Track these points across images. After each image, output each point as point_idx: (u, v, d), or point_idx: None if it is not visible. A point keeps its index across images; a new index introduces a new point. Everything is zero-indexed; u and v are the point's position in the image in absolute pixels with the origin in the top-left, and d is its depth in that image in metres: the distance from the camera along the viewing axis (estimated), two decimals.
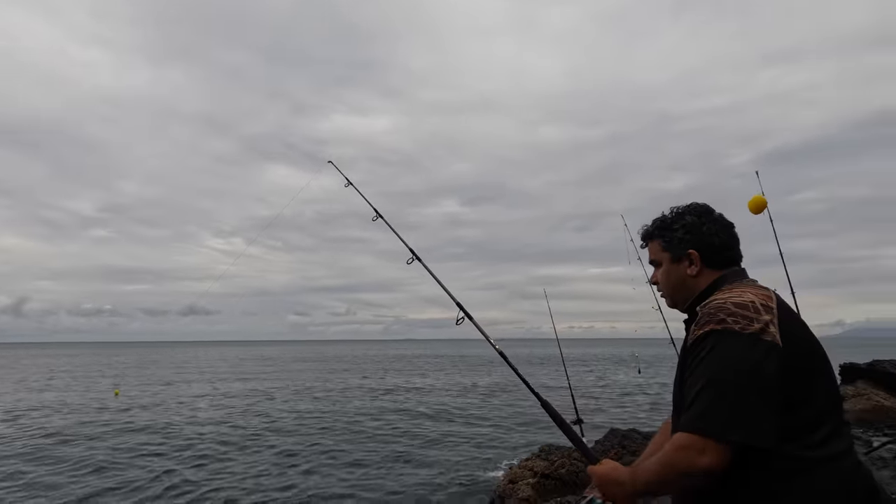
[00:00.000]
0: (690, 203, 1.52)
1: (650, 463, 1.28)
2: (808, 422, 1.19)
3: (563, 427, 1.62)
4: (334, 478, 7.79)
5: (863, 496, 1.17)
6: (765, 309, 1.24)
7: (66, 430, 11.76)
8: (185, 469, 8.25)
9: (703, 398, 1.19)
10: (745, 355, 1.18)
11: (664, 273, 1.52)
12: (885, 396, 14.03)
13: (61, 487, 7.31)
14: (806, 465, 1.16)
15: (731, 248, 1.46)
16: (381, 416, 13.93)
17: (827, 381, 1.26)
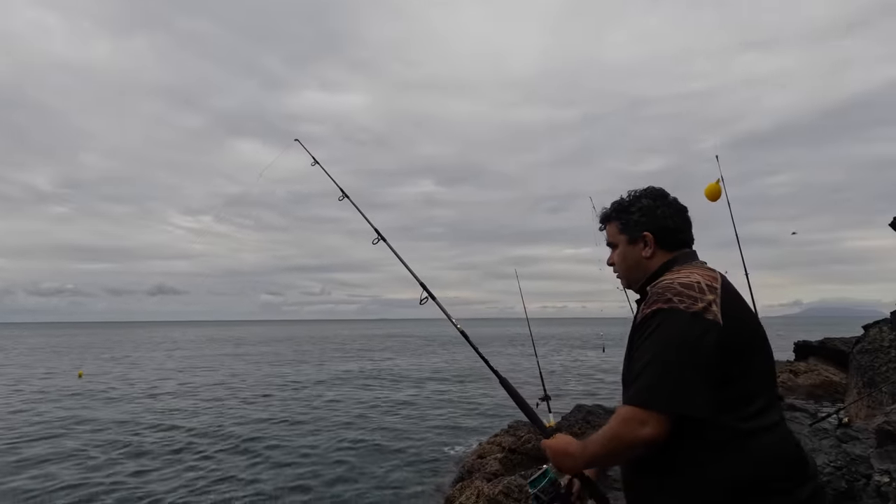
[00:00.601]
0: (647, 187, 1.58)
1: (597, 435, 1.34)
2: (742, 395, 1.26)
3: (519, 403, 1.67)
4: (292, 458, 7.83)
5: (791, 464, 1.25)
6: (709, 289, 1.31)
7: (31, 411, 11.43)
8: (146, 453, 8.16)
9: (646, 373, 1.26)
10: (687, 333, 1.24)
11: (620, 254, 1.57)
12: (834, 372, 14.85)
13: (28, 471, 7.14)
14: (738, 435, 1.23)
15: (684, 230, 1.53)
16: (347, 398, 14.00)
17: (763, 358, 1.34)
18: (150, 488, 6.34)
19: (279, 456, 7.85)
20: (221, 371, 21.05)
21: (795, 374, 15.07)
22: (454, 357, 26.92)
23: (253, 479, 6.75)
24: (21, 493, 6.18)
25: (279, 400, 13.38)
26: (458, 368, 21.08)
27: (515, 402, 1.67)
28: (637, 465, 1.38)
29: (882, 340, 7.53)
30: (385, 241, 1.99)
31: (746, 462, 1.22)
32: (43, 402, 12.97)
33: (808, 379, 14.57)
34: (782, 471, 1.23)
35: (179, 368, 21.96)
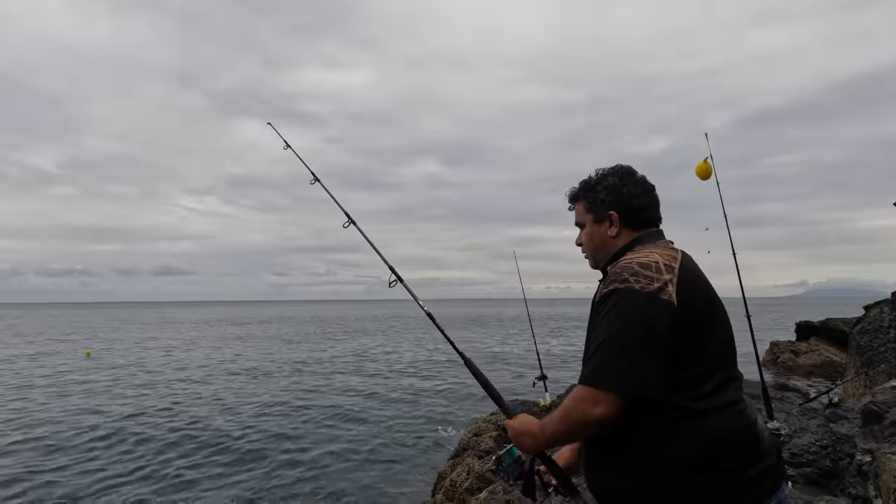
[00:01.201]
0: (615, 165, 1.55)
1: (554, 414, 1.35)
2: (696, 375, 1.25)
3: (484, 385, 1.68)
4: (279, 436, 7.97)
5: (743, 443, 1.25)
6: (667, 269, 1.29)
7: (41, 389, 11.67)
8: (153, 431, 8.34)
9: (600, 353, 1.26)
10: (641, 313, 1.23)
11: (587, 234, 1.55)
12: (835, 352, 14.87)
13: (30, 451, 7.32)
14: (690, 414, 1.23)
15: (650, 209, 1.50)
16: (348, 378, 14.19)
17: (720, 338, 1.33)
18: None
19: (265, 434, 7.99)
20: (223, 352, 21.36)
21: (796, 353, 15.12)
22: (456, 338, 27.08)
23: (247, 462, 6.88)
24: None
25: (277, 378, 13.58)
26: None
27: (480, 385, 1.68)
28: (595, 444, 1.39)
29: (882, 321, 7.51)
30: (355, 224, 1.98)
31: (698, 441, 1.22)
32: (52, 379, 13.23)
33: (809, 359, 14.61)
34: (733, 450, 1.24)
35: (183, 348, 22.28)
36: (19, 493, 5.57)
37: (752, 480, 1.24)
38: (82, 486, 5.73)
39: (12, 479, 5.92)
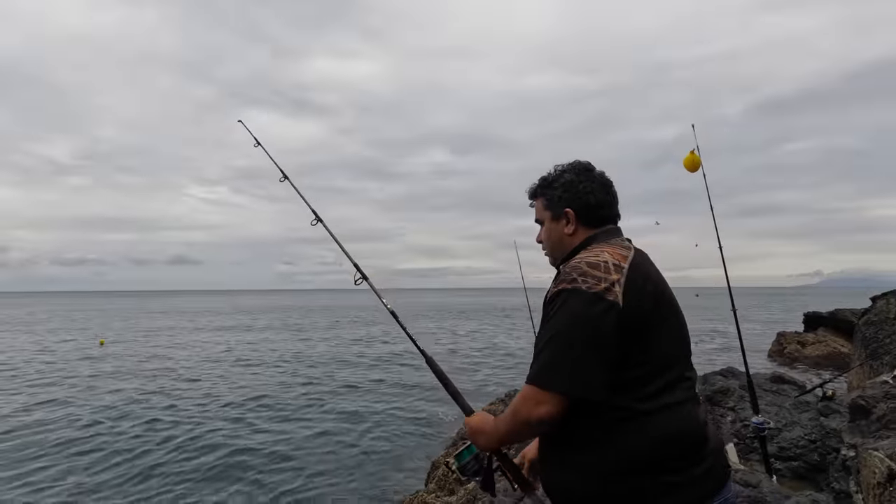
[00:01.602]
0: (573, 161, 1.53)
1: (504, 413, 1.36)
2: (641, 376, 1.25)
3: (442, 381, 1.69)
4: (276, 426, 8.09)
5: (688, 443, 1.25)
6: (615, 269, 1.28)
7: (53, 379, 11.94)
8: (168, 419, 8.50)
9: (545, 353, 1.26)
10: (585, 314, 1.23)
11: (546, 231, 1.54)
12: (843, 343, 14.70)
13: (43, 443, 7.51)
14: (634, 415, 1.24)
15: (607, 206, 1.48)
16: (355, 365, 14.32)
17: (670, 337, 1.32)
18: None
19: (262, 422, 8.12)
20: (234, 342, 21.65)
21: (803, 344, 14.98)
22: (462, 328, 27.24)
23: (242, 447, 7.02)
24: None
25: (270, 368, 13.75)
26: (464, 333, 21.37)
27: (440, 381, 1.69)
28: (547, 442, 1.40)
29: (888, 312, 7.40)
30: (322, 223, 1.99)
31: (641, 442, 1.23)
32: (65, 368, 13.53)
33: (816, 350, 14.48)
34: (677, 451, 1.24)
35: (193, 341, 22.62)
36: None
37: (696, 480, 1.25)
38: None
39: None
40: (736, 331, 3.46)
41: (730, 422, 4.26)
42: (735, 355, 4.44)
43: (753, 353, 16.39)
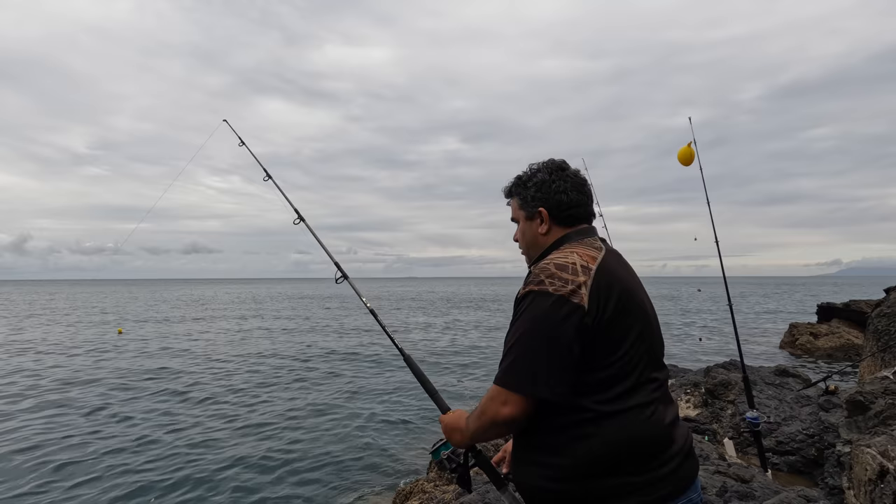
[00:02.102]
0: (547, 160, 1.53)
1: (474, 411, 1.38)
2: (605, 378, 1.26)
3: (420, 380, 1.72)
4: (274, 421, 8.23)
5: (649, 445, 1.26)
6: (583, 270, 1.29)
7: (71, 369, 12.27)
8: (181, 406, 8.70)
9: (509, 354, 1.28)
10: (549, 316, 1.24)
11: (521, 231, 1.54)
12: (857, 335, 14.46)
13: (62, 429, 7.74)
14: (595, 417, 1.25)
15: (580, 205, 1.48)
16: (357, 354, 14.47)
17: (636, 339, 1.31)
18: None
19: (267, 407, 8.27)
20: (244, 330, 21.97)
21: (815, 336, 14.77)
22: (472, 318, 27.27)
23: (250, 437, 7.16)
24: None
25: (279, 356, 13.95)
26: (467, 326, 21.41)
27: (417, 380, 1.72)
28: (517, 440, 1.42)
29: None
30: (305, 222, 2.02)
31: (601, 443, 1.24)
32: (85, 356, 13.89)
33: (829, 341, 14.27)
34: (639, 452, 1.25)
35: (203, 330, 23.00)
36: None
37: (658, 481, 1.26)
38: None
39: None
40: (733, 325, 3.43)
41: (729, 415, 4.24)
42: (743, 348, 4.41)
43: (764, 344, 16.26)
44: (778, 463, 3.60)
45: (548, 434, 1.30)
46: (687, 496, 1.30)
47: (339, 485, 5.38)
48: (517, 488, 1.44)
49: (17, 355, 14.11)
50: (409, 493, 4.18)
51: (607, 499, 1.24)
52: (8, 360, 13.18)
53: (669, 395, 1.43)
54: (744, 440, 4.04)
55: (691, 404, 5.30)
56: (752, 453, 3.95)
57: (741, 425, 4.09)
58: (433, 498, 3.60)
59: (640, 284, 1.45)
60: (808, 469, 3.51)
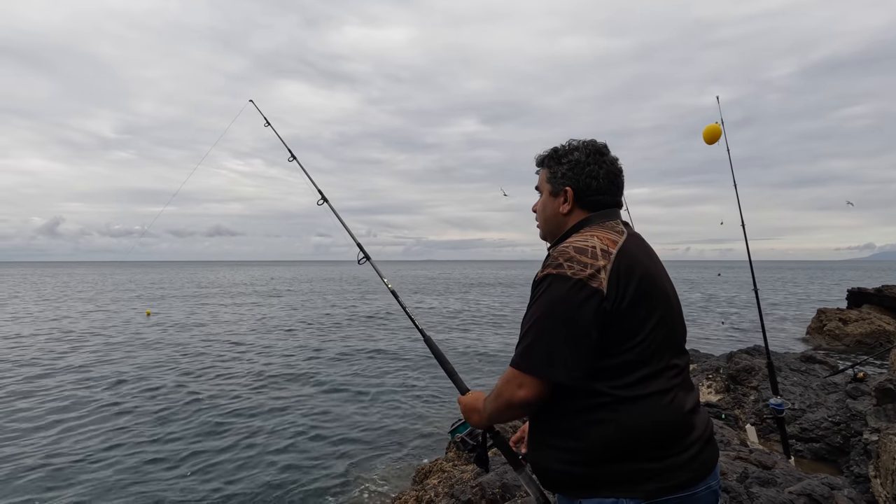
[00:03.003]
0: (589, 140, 1.49)
1: (491, 392, 1.39)
2: (623, 363, 1.25)
3: (439, 360, 1.74)
4: (288, 401, 8.39)
5: (665, 432, 1.25)
6: (603, 255, 1.27)
7: (102, 349, 12.75)
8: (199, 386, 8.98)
9: (525, 337, 1.28)
10: (568, 300, 1.23)
11: (541, 203, 1.53)
12: (889, 321, 14.05)
13: (88, 405, 8.08)
14: (612, 402, 1.24)
15: (607, 193, 1.45)
16: (382, 332, 14.65)
17: (657, 325, 1.29)
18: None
19: (284, 388, 8.46)
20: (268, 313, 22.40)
21: (845, 322, 14.38)
22: (486, 300, 27.29)
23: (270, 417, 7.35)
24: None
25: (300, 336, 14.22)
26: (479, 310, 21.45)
27: (437, 360, 1.74)
28: (533, 422, 1.43)
29: None
30: (329, 203, 2.03)
31: (617, 428, 1.23)
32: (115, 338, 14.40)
33: (859, 328, 13.89)
34: (656, 438, 1.24)
35: (235, 314, 23.53)
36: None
37: (677, 467, 1.24)
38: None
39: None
40: (758, 310, 3.36)
41: (752, 401, 4.18)
42: (768, 333, 4.32)
43: (790, 330, 15.91)
44: (802, 450, 3.54)
45: (564, 417, 1.30)
46: (706, 483, 1.29)
47: (357, 463, 5.51)
48: (533, 470, 1.45)
49: (57, 336, 14.69)
50: (428, 471, 4.26)
51: (624, 483, 1.24)
52: (47, 342, 13.74)
53: (690, 382, 1.41)
54: (766, 427, 3.99)
55: (713, 390, 5.24)
56: (774, 440, 3.90)
57: (764, 411, 4.03)
58: (452, 477, 3.65)
59: (663, 269, 1.43)
60: (833, 457, 3.45)
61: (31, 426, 6.58)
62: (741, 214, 3.23)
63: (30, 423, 6.67)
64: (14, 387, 8.54)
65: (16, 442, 6.01)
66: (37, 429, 6.48)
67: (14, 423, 6.70)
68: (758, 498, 2.39)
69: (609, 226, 1.39)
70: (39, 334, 14.64)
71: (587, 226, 1.40)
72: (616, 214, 1.46)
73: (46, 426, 6.58)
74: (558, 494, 1.38)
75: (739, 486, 2.51)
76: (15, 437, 6.16)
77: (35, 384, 8.74)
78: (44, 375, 9.40)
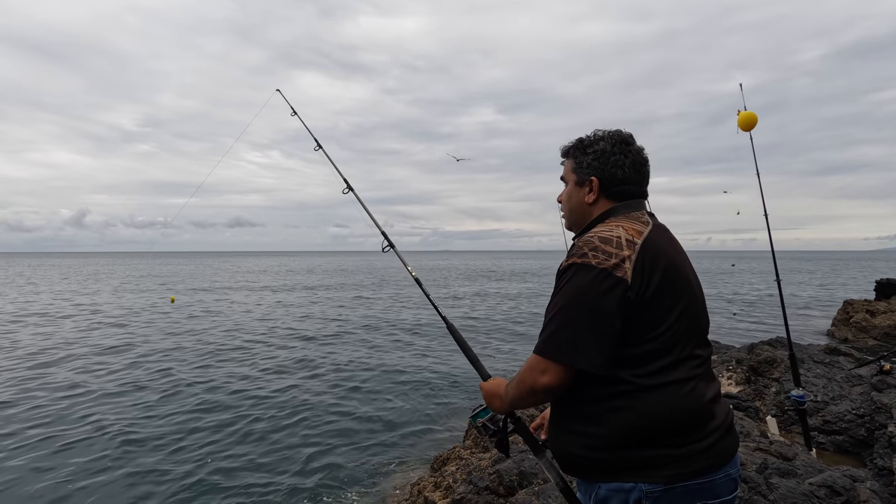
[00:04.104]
0: (614, 130, 1.50)
1: (514, 379, 1.43)
2: (647, 352, 1.27)
3: (462, 347, 1.78)
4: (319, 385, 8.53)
5: (684, 420, 1.27)
6: (628, 245, 1.29)
7: (130, 334, 13.15)
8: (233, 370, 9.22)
9: (550, 324, 1.31)
10: (592, 289, 1.26)
11: (567, 193, 1.55)
12: None
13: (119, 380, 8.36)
14: (633, 390, 1.27)
15: (633, 183, 1.46)
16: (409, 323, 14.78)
17: (680, 315, 1.31)
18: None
19: (307, 377, 8.63)
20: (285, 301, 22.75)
21: (872, 314, 14.02)
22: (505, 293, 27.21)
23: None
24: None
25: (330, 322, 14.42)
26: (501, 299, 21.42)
27: (460, 347, 1.78)
28: (554, 408, 1.47)
29: None
30: (354, 192, 2.08)
31: (637, 415, 1.26)
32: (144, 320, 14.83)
33: (887, 319, 13.53)
34: (676, 426, 1.26)
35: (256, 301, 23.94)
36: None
37: (695, 454, 1.27)
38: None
39: None
40: (780, 300, 3.32)
41: (773, 393, 4.14)
42: (791, 325, 4.25)
43: (814, 321, 15.58)
44: (824, 442, 3.51)
45: (585, 404, 1.33)
46: (725, 471, 1.31)
47: (376, 450, 5.62)
48: (554, 455, 1.49)
49: (92, 322, 15.19)
50: (446, 458, 4.33)
51: (643, 469, 1.26)
52: (84, 326, 14.22)
53: (712, 372, 1.43)
54: (787, 418, 3.95)
55: (733, 381, 5.20)
56: (796, 432, 3.87)
57: (785, 403, 4.00)
58: (469, 464, 3.72)
59: (688, 260, 1.44)
60: (856, 449, 3.41)
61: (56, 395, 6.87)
62: (764, 203, 3.19)
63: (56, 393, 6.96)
64: (69, 371, 8.89)
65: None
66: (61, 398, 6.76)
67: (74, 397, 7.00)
68: (777, 489, 2.40)
69: (634, 216, 1.41)
70: (79, 316, 15.16)
71: (612, 216, 1.42)
72: (641, 205, 1.47)
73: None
74: (577, 479, 1.42)
75: (758, 476, 2.51)
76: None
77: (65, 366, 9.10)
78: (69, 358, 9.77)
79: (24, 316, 16.43)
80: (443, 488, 3.53)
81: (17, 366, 9.28)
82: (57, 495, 4.54)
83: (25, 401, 7.18)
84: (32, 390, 7.71)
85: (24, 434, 5.93)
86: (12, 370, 8.97)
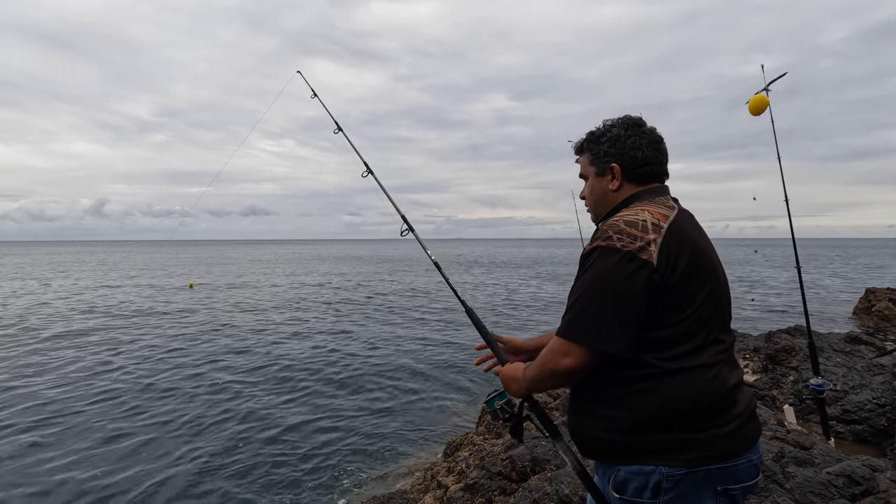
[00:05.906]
0: (623, 116, 1.49)
1: (534, 362, 1.43)
2: (671, 336, 1.26)
3: (481, 332, 1.78)
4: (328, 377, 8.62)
5: (707, 405, 1.26)
6: (654, 228, 1.28)
7: (156, 315, 13.44)
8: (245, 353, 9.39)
9: (574, 307, 1.30)
10: (617, 272, 1.25)
11: (589, 187, 1.54)
12: None
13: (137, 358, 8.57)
14: (657, 374, 1.26)
15: (654, 163, 1.45)
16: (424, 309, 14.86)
17: (705, 300, 1.30)
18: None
19: (323, 361, 8.73)
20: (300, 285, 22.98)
21: (895, 302, 13.72)
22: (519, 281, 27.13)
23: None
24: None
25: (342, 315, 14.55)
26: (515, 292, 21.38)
27: (478, 331, 1.78)
28: (574, 391, 1.47)
29: None
30: (373, 174, 2.09)
31: (661, 399, 1.25)
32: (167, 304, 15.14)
33: None
34: (696, 410, 1.25)
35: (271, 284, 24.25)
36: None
37: (717, 439, 1.26)
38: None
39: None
40: (800, 288, 3.26)
41: (791, 382, 4.09)
42: (810, 313, 4.17)
43: (835, 310, 15.30)
44: (843, 432, 3.47)
45: (607, 387, 1.33)
46: (746, 456, 1.30)
47: (389, 435, 5.69)
48: (572, 438, 1.49)
49: (122, 302, 15.56)
50: (459, 444, 4.37)
51: (665, 452, 1.26)
52: (112, 302, 14.56)
53: (734, 359, 1.42)
54: (806, 407, 3.90)
55: (750, 370, 5.14)
56: (814, 421, 3.83)
57: (804, 392, 3.95)
58: (482, 450, 3.74)
59: (712, 246, 1.43)
60: (877, 439, 3.36)
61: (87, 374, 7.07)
62: (784, 189, 3.11)
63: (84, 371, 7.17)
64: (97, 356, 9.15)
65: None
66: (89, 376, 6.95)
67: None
68: (794, 477, 2.38)
69: (660, 201, 1.40)
70: (100, 301, 15.54)
71: (636, 201, 1.41)
72: (666, 191, 1.47)
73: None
74: (596, 462, 1.42)
75: (775, 465, 2.49)
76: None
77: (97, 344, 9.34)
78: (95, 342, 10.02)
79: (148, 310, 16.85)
80: (456, 473, 3.57)
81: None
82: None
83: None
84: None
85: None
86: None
